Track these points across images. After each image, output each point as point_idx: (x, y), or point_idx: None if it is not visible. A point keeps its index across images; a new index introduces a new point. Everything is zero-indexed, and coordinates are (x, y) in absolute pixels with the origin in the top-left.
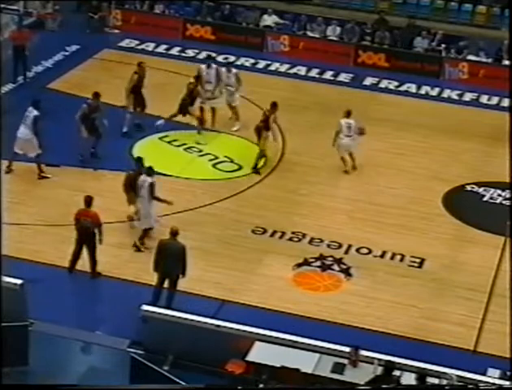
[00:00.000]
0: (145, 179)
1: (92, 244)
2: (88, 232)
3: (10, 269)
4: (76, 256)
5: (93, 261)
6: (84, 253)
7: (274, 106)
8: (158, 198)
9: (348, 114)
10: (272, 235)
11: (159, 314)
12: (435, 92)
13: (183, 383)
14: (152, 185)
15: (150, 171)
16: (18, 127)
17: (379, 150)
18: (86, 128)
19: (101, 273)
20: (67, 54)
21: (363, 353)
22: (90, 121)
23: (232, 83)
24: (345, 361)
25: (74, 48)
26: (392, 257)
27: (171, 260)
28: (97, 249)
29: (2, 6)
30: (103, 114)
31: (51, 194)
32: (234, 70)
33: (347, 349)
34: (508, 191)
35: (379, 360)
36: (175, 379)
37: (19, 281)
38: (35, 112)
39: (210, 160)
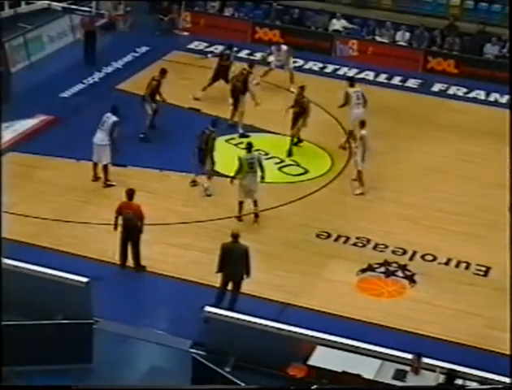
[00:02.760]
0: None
1: (135, 238)
2: (131, 225)
3: (75, 267)
4: (124, 250)
5: (137, 254)
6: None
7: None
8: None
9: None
10: (337, 239)
11: (222, 315)
12: (504, 99)
13: (244, 385)
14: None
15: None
16: (87, 126)
17: (446, 157)
18: (153, 106)
19: (145, 267)
20: (136, 55)
21: (426, 360)
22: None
23: None
24: (407, 369)
25: (144, 49)
26: (458, 265)
27: (234, 263)
28: (140, 242)
29: (75, 7)
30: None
31: (117, 194)
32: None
33: (409, 356)
34: None
35: (442, 368)
36: (236, 381)
37: (84, 279)
38: (114, 118)
39: (276, 163)
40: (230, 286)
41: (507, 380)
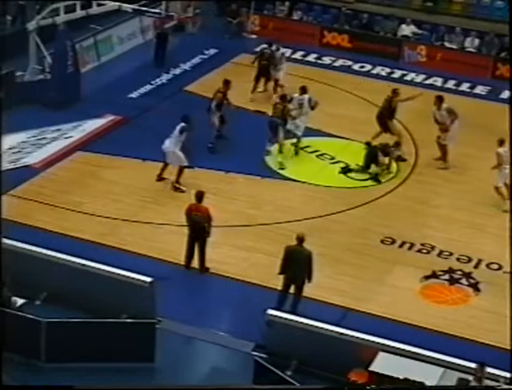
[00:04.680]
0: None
1: (202, 239)
2: (199, 227)
3: (140, 266)
4: (190, 251)
5: (202, 256)
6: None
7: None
8: None
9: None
10: (401, 245)
11: (284, 318)
12: None
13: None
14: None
15: None
16: (154, 126)
17: None
18: (219, 117)
19: (209, 268)
20: (205, 57)
21: (489, 370)
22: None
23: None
24: (470, 378)
25: (212, 51)
26: None
27: (297, 266)
28: (206, 244)
29: (145, 9)
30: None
31: (183, 195)
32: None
33: (472, 365)
34: None
35: (505, 378)
36: (298, 385)
37: (148, 279)
38: (182, 124)
39: (342, 168)
40: (292, 289)
41: None
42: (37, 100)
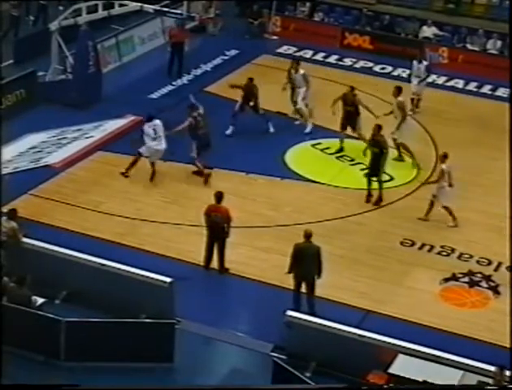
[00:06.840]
0: None
1: (222, 240)
2: (218, 228)
3: (159, 267)
4: (209, 252)
5: (222, 257)
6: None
7: None
8: None
9: None
10: (421, 248)
11: (304, 320)
12: None
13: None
14: None
15: None
16: (174, 127)
17: None
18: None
19: (228, 269)
20: (226, 58)
21: (509, 373)
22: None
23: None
24: (490, 381)
25: (233, 52)
26: None
27: (307, 263)
28: (226, 245)
29: (166, 9)
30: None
31: (204, 196)
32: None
33: (492, 369)
34: None
35: None
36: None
37: (168, 279)
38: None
39: (362, 169)
40: (304, 288)
41: None
42: (59, 100)
